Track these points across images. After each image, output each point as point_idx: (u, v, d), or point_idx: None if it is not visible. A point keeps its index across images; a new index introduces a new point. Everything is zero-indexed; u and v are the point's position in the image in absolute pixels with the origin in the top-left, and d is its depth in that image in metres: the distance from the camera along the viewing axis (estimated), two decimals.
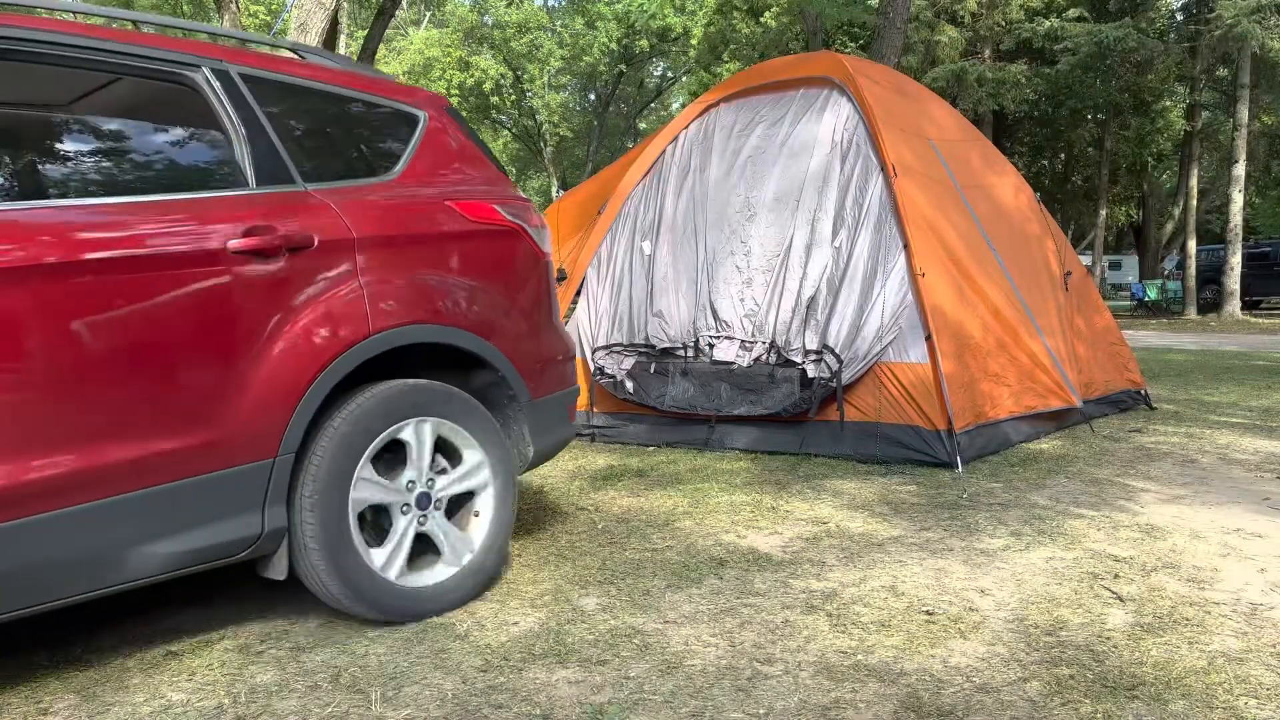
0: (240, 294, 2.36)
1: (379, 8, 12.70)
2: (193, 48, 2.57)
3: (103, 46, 2.38)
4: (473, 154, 3.12)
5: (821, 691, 2.14)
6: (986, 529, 3.43)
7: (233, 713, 2.09)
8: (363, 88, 2.96)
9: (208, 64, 2.57)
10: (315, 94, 2.82)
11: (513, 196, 3.14)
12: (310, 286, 2.48)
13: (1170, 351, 11.44)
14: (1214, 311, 20.25)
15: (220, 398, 2.31)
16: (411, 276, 2.70)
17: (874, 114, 4.91)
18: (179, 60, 2.52)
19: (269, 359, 2.38)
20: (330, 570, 2.45)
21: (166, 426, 2.23)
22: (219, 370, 2.31)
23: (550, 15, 34.67)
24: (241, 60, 2.67)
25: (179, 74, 2.52)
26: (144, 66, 2.46)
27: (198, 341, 2.28)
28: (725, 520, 3.63)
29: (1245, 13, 16.49)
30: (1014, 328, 4.96)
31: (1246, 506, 3.73)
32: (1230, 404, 6.66)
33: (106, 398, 2.14)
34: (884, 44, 9.66)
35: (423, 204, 2.85)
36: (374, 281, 2.60)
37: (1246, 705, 2.04)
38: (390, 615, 2.57)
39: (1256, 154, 23.20)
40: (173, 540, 2.25)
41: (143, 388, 2.19)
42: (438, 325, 2.71)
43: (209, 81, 2.56)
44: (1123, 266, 37.46)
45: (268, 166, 2.56)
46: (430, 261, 2.77)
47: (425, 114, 3.06)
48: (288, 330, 2.42)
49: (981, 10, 19.37)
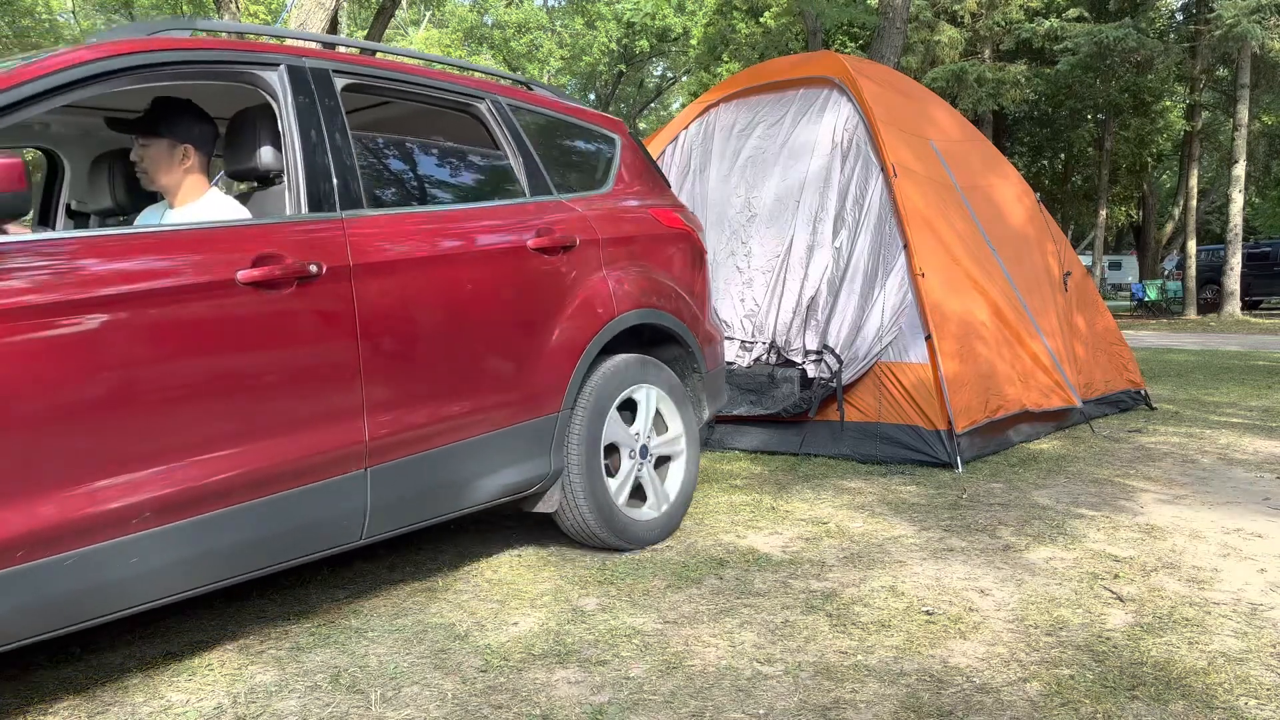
0: (540, 282, 2.97)
1: (379, 8, 12.70)
2: (475, 83, 3.18)
3: (424, 83, 2.96)
4: (649, 169, 3.75)
5: (821, 691, 2.14)
6: (986, 529, 3.43)
7: (233, 713, 2.09)
8: (575, 114, 3.56)
9: (489, 96, 3.17)
10: (551, 119, 3.43)
11: (682, 204, 3.81)
12: (576, 277, 3.09)
13: (1170, 351, 11.44)
14: (1214, 312, 20.24)
15: (531, 363, 2.91)
16: (634, 270, 3.31)
17: (874, 114, 4.91)
18: (471, 94, 3.12)
19: (559, 332, 3.00)
20: (588, 498, 3.08)
21: (501, 385, 2.82)
22: (530, 341, 2.91)
23: (550, 15, 34.66)
24: (504, 92, 3.26)
25: (471, 105, 3.13)
26: (451, 100, 3.08)
27: (516, 318, 2.88)
28: (725, 520, 3.63)
29: (1245, 13, 16.48)
30: (1014, 328, 4.96)
31: (1246, 506, 3.73)
32: (1230, 404, 6.66)
33: (467, 360, 2.71)
34: (884, 44, 9.66)
35: (634, 211, 3.47)
36: (612, 274, 3.21)
37: (1246, 705, 2.04)
38: (620, 540, 3.18)
39: (1256, 154, 23.20)
40: (499, 475, 2.85)
41: (486, 353, 2.78)
42: (651, 309, 3.32)
43: (490, 111, 3.16)
44: (1123, 266, 37.44)
45: (535, 180, 3.18)
46: (643, 258, 3.38)
47: (619, 136, 3.68)
48: (567, 311, 3.03)
49: (981, 10, 19.36)
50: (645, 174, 3.69)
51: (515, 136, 3.18)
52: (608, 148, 3.60)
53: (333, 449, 2.38)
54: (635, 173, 3.63)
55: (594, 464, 3.09)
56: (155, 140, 2.62)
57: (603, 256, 3.20)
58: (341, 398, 2.40)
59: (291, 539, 2.34)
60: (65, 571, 1.92)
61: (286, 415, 2.29)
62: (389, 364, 2.50)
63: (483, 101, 3.13)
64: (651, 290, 3.34)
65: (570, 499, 3.08)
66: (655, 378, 3.34)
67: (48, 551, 1.90)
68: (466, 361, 2.71)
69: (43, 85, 2.07)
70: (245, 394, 2.22)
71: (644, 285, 3.31)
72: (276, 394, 2.28)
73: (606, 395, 3.14)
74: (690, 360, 3.56)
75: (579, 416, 3.06)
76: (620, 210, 3.40)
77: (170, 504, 2.08)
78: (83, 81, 2.15)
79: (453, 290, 2.68)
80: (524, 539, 3.45)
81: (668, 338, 3.47)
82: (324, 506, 2.38)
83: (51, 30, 22.42)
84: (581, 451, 3.05)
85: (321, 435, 2.35)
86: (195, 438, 2.13)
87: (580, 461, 3.05)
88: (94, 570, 1.97)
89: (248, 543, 2.24)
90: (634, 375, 3.25)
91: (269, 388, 2.26)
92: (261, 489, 2.24)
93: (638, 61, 34.74)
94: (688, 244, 3.63)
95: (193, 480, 2.12)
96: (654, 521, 3.31)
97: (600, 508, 3.10)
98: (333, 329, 2.39)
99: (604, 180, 3.47)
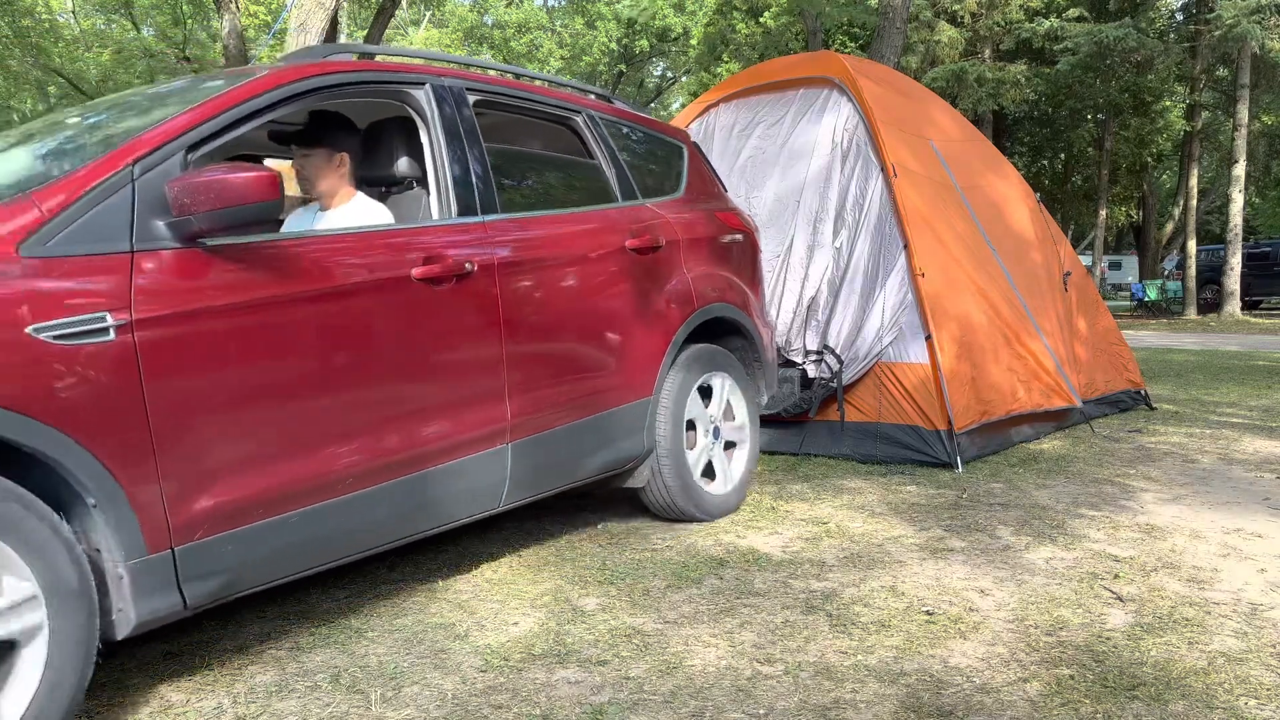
0: (637, 279, 3.31)
1: (379, 7, 12.69)
2: (572, 98, 3.52)
3: (536, 99, 3.33)
4: (711, 174, 4.07)
5: (821, 691, 2.14)
6: (987, 529, 3.43)
7: (233, 713, 2.09)
8: (649, 125, 3.89)
9: (584, 111, 3.51)
10: (631, 130, 3.75)
11: (739, 207, 4.16)
12: (664, 275, 3.43)
13: (1170, 352, 11.44)
14: (1214, 312, 20.23)
15: (630, 351, 3.25)
16: (708, 268, 3.66)
17: (874, 114, 4.90)
18: (571, 108, 3.46)
19: (652, 325, 3.34)
20: (673, 474, 3.44)
21: (607, 371, 3.16)
22: (630, 332, 3.25)
23: (550, 15, 34.65)
24: (594, 106, 3.59)
25: (570, 118, 3.47)
26: (556, 113, 3.42)
27: (619, 311, 3.21)
28: (725, 520, 3.63)
29: (1245, 13, 16.47)
30: (1014, 328, 4.96)
31: (1246, 506, 3.73)
32: (1230, 404, 6.66)
33: (582, 349, 3.06)
34: (884, 44, 9.65)
35: (705, 214, 3.80)
36: (691, 271, 3.56)
37: (1246, 705, 2.04)
38: (698, 511, 3.55)
39: (1256, 154, 23.18)
40: (605, 452, 3.20)
41: (596, 343, 3.11)
42: (723, 304, 3.66)
43: (586, 124, 3.50)
44: (1123, 266, 37.44)
45: (625, 186, 3.52)
46: (715, 257, 3.72)
47: (685, 145, 4.00)
48: (658, 305, 3.37)
49: (981, 10, 19.34)
50: (709, 179, 4.04)
51: (607, 146, 3.53)
52: (678, 156, 3.94)
53: (486, 426, 2.73)
54: (701, 178, 3.97)
55: (678, 443, 3.45)
56: (316, 150, 2.91)
57: (683, 256, 3.54)
58: (491, 380, 2.74)
59: (451, 504, 2.68)
60: (291, 528, 2.26)
61: (452, 395, 2.63)
62: (524, 351, 2.84)
63: (579, 115, 3.49)
64: (723, 286, 3.69)
65: (657, 474, 3.44)
66: (728, 367, 3.72)
67: (282, 509, 2.23)
68: (582, 350, 3.07)
69: (253, 105, 2.38)
70: (422, 377, 2.55)
71: (717, 282, 3.66)
72: (444, 377, 2.61)
73: (688, 381, 3.50)
74: (752, 350, 3.90)
75: (666, 400, 3.40)
76: (694, 213, 3.74)
77: (366, 472, 2.41)
78: (283, 101, 2.47)
79: (570, 285, 3.05)
80: (524, 539, 3.45)
81: (733, 330, 3.80)
82: (477, 476, 2.73)
83: (52, 30, 22.39)
84: (668, 432, 3.41)
85: (477, 413, 2.70)
86: (384, 415, 2.45)
87: (667, 441, 3.41)
88: (312, 526, 2.30)
89: (419, 506, 2.57)
90: (710, 364, 3.62)
91: (439, 371, 2.60)
92: (433, 459, 2.58)
93: (638, 61, 34.73)
94: (749, 243, 4.00)
95: (383, 452, 2.44)
96: (723, 497, 3.68)
97: (684, 482, 3.48)
98: (483, 320, 2.73)
99: (677, 186, 3.82)
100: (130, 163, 2.08)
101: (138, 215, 2.05)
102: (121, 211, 2.03)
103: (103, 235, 1.99)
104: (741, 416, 3.81)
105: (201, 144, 2.25)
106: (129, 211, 2.04)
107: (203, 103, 2.30)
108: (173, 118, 2.23)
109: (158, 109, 2.38)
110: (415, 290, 2.54)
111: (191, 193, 2.07)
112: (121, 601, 1.99)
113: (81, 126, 2.54)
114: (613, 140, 3.56)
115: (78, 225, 1.96)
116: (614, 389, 3.19)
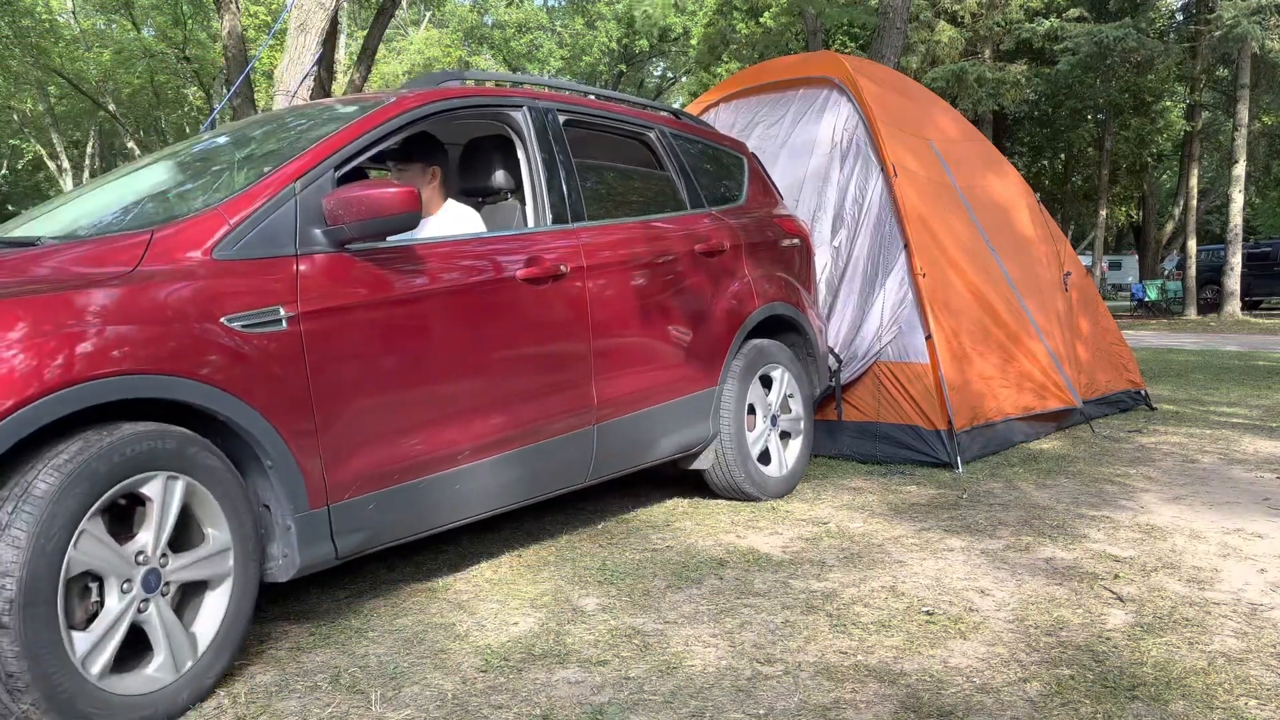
0: (705, 279, 3.64)
1: (379, 7, 12.69)
2: (646, 115, 3.87)
3: (615, 117, 3.66)
4: (769, 182, 4.40)
5: (821, 691, 2.14)
6: (986, 529, 3.43)
7: (233, 713, 2.09)
8: (711, 137, 4.20)
9: (656, 126, 3.84)
10: (696, 143, 4.05)
11: (794, 213, 4.51)
12: (728, 276, 3.77)
13: (1170, 352, 11.43)
14: (1214, 312, 20.22)
15: (698, 345, 3.57)
16: (768, 270, 3.98)
17: (874, 114, 4.90)
18: (645, 124, 3.80)
19: (717, 322, 3.66)
20: (736, 457, 3.76)
21: (679, 362, 3.48)
22: (698, 328, 3.57)
23: (550, 15, 34.65)
24: (664, 121, 3.93)
25: (644, 133, 3.80)
26: (632, 129, 3.75)
27: (689, 309, 3.54)
28: (725, 520, 3.63)
29: (1245, 13, 16.47)
30: (1014, 328, 4.96)
31: (1246, 506, 3.73)
32: (1230, 404, 6.66)
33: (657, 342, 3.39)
34: (884, 44, 9.64)
35: (765, 221, 4.12)
36: (753, 273, 3.89)
37: (1246, 705, 2.04)
38: (758, 492, 3.86)
39: (1256, 154, 23.13)
40: (676, 435, 3.52)
41: (669, 338, 3.44)
42: (781, 303, 4.00)
43: (658, 138, 3.83)
44: (1123, 266, 37.42)
45: (693, 195, 3.85)
46: (774, 259, 4.05)
47: (744, 156, 4.32)
48: (722, 304, 3.70)
49: (981, 10, 19.34)
50: (767, 187, 4.35)
51: (676, 159, 3.85)
52: (739, 167, 4.26)
53: (577, 408, 3.06)
54: (760, 187, 4.29)
55: (741, 430, 3.77)
56: (411, 165, 3.21)
57: (745, 259, 3.87)
58: (581, 368, 3.08)
59: (548, 476, 3.02)
60: (419, 492, 2.60)
61: (549, 381, 2.96)
62: (608, 344, 3.17)
63: (652, 130, 3.82)
64: (782, 287, 4.04)
65: (721, 457, 3.76)
66: (786, 361, 4.03)
67: (412, 476, 2.57)
68: (657, 343, 3.40)
69: (388, 128, 2.74)
70: (524, 365, 2.89)
71: (776, 283, 4.00)
72: (542, 365, 2.95)
73: (750, 372, 3.82)
74: (806, 345, 4.22)
75: (729, 390, 3.72)
76: (755, 220, 4.07)
77: (480, 446, 2.75)
78: (411, 123, 2.83)
79: (647, 285, 3.38)
80: (524, 539, 3.45)
81: (790, 326, 4.12)
82: (570, 452, 3.07)
83: (52, 30, 22.39)
84: (732, 419, 3.72)
85: (570, 397, 3.04)
86: (494, 397, 2.79)
87: (731, 426, 3.72)
88: (437, 492, 2.65)
89: (520, 478, 2.90)
90: (770, 356, 3.94)
91: (538, 360, 2.94)
92: (532, 437, 2.91)
93: (638, 61, 34.75)
94: (804, 247, 4.33)
95: (493, 429, 2.78)
96: (780, 479, 3.98)
97: (746, 465, 3.79)
98: (574, 315, 3.06)
99: (739, 194, 4.14)
100: (294, 179, 2.44)
101: (300, 224, 2.40)
102: (288, 221, 2.39)
103: (274, 241, 2.35)
104: (797, 409, 4.09)
105: (346, 162, 2.61)
106: (294, 221, 2.40)
107: (347, 126, 2.66)
108: (323, 140, 2.59)
109: (306, 131, 2.77)
110: (519, 289, 2.89)
111: (345, 205, 2.42)
112: (288, 549, 2.33)
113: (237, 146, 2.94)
114: (681, 153, 3.90)
115: (255, 233, 2.32)
116: (684, 379, 3.51)
